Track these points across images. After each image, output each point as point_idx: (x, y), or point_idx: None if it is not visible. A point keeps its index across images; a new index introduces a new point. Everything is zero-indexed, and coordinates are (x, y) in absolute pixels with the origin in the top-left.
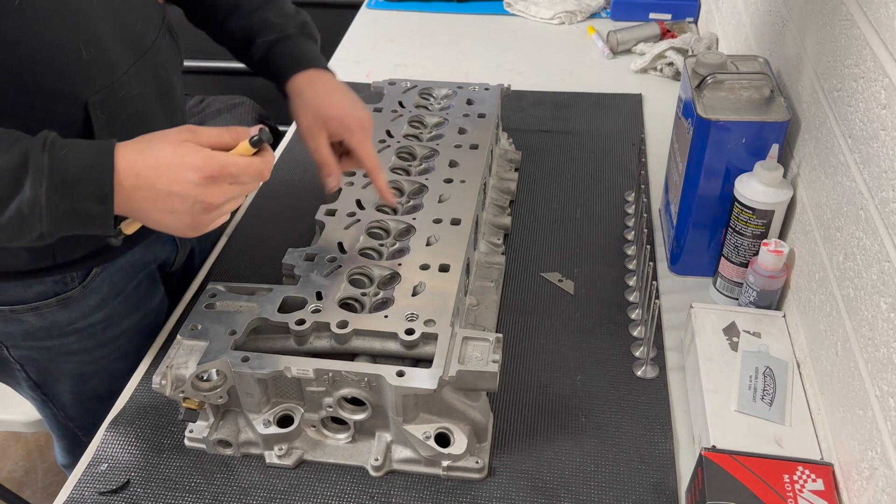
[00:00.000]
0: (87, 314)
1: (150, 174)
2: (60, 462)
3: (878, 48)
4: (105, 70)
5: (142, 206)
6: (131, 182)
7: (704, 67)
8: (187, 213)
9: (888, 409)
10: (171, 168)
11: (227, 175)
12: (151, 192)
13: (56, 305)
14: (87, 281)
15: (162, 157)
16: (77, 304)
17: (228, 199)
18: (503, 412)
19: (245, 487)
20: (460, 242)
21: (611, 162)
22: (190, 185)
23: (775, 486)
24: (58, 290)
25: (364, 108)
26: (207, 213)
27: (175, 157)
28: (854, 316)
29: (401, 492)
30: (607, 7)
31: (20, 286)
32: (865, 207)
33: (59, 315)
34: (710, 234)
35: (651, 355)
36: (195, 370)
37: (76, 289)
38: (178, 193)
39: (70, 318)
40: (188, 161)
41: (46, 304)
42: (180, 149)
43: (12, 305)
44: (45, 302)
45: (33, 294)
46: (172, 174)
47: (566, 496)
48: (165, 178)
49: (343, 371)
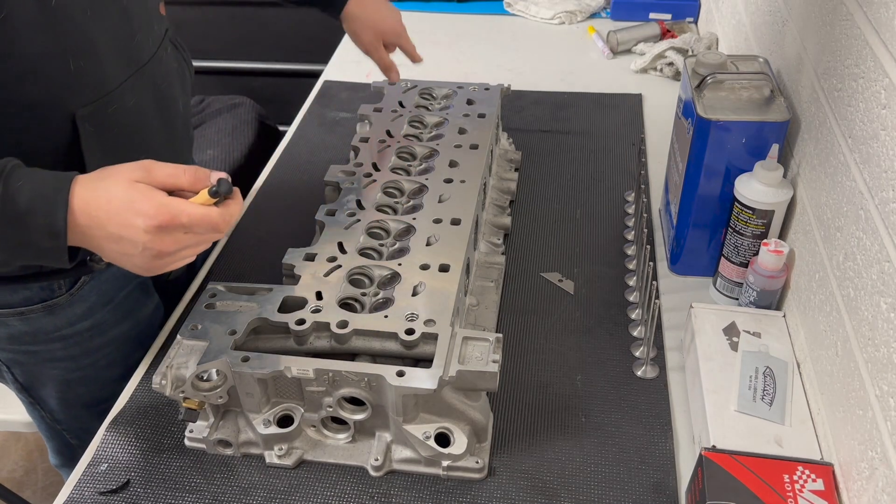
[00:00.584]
0: (73, 322)
1: (101, 215)
2: (53, 462)
3: (878, 48)
4: (95, 82)
5: (96, 243)
6: (84, 221)
7: (704, 67)
8: (139, 257)
9: (888, 409)
10: (120, 212)
11: (179, 225)
12: (103, 232)
13: (42, 311)
14: (75, 289)
15: (113, 199)
16: (63, 312)
17: (182, 247)
18: (503, 412)
19: (245, 487)
20: (460, 242)
21: (611, 162)
22: (139, 232)
23: (775, 486)
24: (44, 296)
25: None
26: (160, 259)
27: (125, 202)
28: (854, 316)
29: (401, 492)
30: (607, 7)
31: (6, 291)
32: (865, 207)
33: (44, 321)
34: (710, 234)
35: (651, 355)
36: (195, 370)
37: (63, 296)
38: (128, 238)
39: (56, 324)
40: (137, 207)
41: (32, 309)
42: (131, 191)
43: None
44: (31, 308)
45: (19, 299)
46: (122, 219)
47: (566, 496)
48: (115, 221)
49: (343, 371)
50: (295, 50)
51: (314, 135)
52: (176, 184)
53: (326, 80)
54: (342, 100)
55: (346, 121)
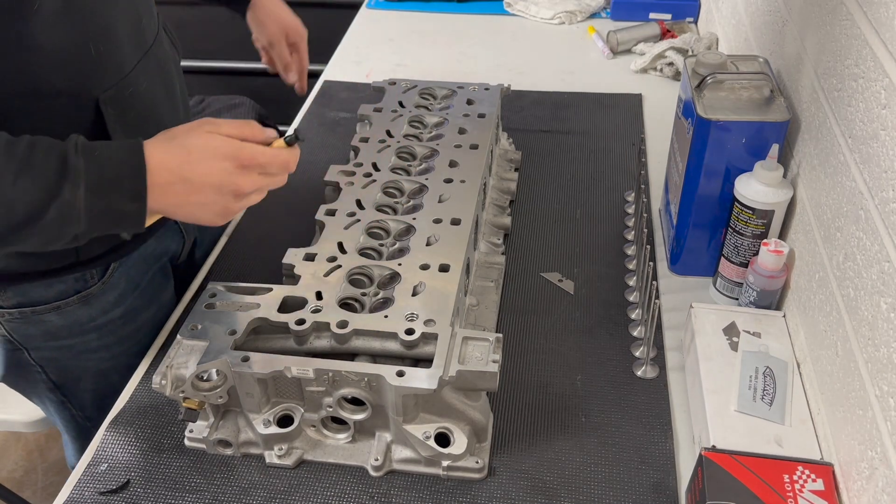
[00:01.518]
0: (106, 310)
1: (183, 168)
2: (72, 465)
3: (878, 48)
4: (115, 66)
5: (175, 200)
6: (165, 178)
7: (704, 67)
8: (219, 203)
9: (888, 409)
10: (202, 160)
11: (258, 164)
12: (185, 185)
13: (77, 303)
14: (107, 277)
15: (193, 149)
16: (97, 301)
17: (257, 188)
18: (503, 412)
19: (245, 487)
20: (460, 242)
21: (611, 162)
22: (225, 174)
23: (775, 486)
24: (78, 287)
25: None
26: (238, 201)
27: (207, 149)
28: (854, 316)
29: (401, 492)
30: (607, 7)
31: (42, 286)
32: (865, 207)
33: (80, 313)
34: (710, 234)
35: (651, 355)
36: (195, 370)
37: (96, 285)
38: (214, 183)
39: (91, 314)
40: (221, 151)
41: (68, 302)
42: (210, 140)
43: (34, 306)
44: (67, 301)
45: (54, 293)
46: (205, 165)
47: (566, 496)
48: (199, 170)
49: (343, 371)
50: None
51: (314, 135)
52: (240, 133)
53: (326, 80)
54: (342, 100)
55: (346, 121)
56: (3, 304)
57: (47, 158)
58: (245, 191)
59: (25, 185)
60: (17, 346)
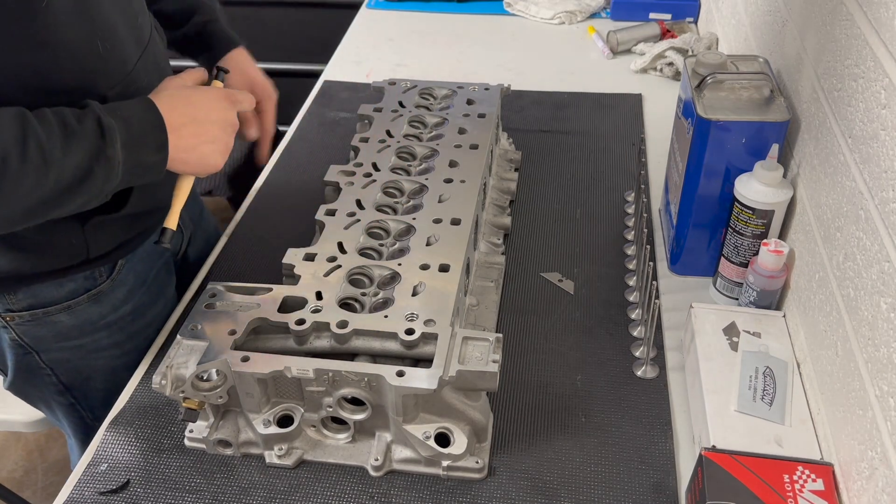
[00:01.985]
0: (116, 307)
1: (189, 110)
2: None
3: (878, 48)
4: (119, 63)
5: (188, 143)
6: (178, 121)
7: (704, 67)
8: (222, 140)
9: (888, 409)
10: (204, 101)
11: (236, 100)
12: (195, 125)
13: (87, 302)
14: (115, 273)
15: (192, 94)
16: (107, 298)
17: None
18: (503, 412)
19: (245, 487)
20: (460, 242)
21: (611, 162)
22: (223, 111)
23: (775, 486)
24: (88, 285)
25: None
26: (233, 135)
27: (203, 93)
28: (854, 316)
29: (401, 492)
30: (607, 7)
31: (53, 286)
32: (865, 207)
33: (90, 311)
34: (710, 234)
35: (651, 355)
36: (195, 370)
37: (105, 282)
38: (217, 120)
39: (101, 312)
40: (214, 94)
41: (78, 301)
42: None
43: (45, 307)
44: (77, 300)
45: (65, 293)
46: (208, 105)
47: (566, 496)
48: (204, 109)
49: (343, 371)
50: (295, 50)
51: (314, 135)
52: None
53: (326, 80)
54: (342, 100)
55: (346, 121)
56: (14, 308)
57: (84, 123)
58: (236, 123)
59: (73, 150)
60: (28, 349)
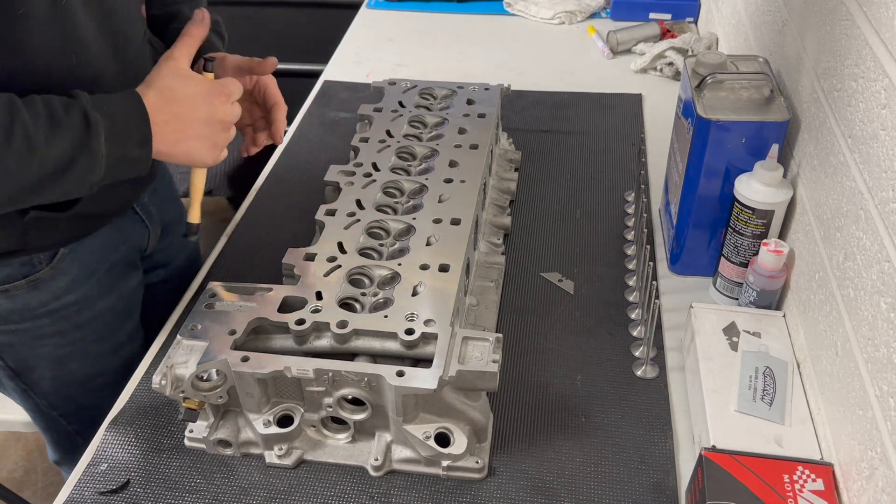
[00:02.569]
0: (58, 295)
1: (172, 106)
2: (52, 459)
3: (878, 48)
4: (91, 76)
5: (172, 137)
6: (161, 118)
7: (704, 67)
8: (209, 137)
9: (888, 409)
10: (188, 98)
11: (227, 93)
12: (178, 121)
13: (26, 287)
14: (56, 261)
15: (177, 90)
16: (47, 286)
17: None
18: (503, 412)
19: (245, 487)
20: (460, 242)
21: (611, 162)
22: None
23: (775, 486)
24: (25, 272)
25: None
26: (225, 132)
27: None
28: (854, 316)
29: (401, 492)
30: (607, 7)
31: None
32: (865, 207)
33: (29, 297)
34: (710, 234)
35: (651, 355)
36: (195, 370)
37: (44, 269)
38: (202, 117)
39: (41, 300)
40: (199, 89)
41: (15, 286)
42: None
43: None
44: (14, 284)
45: (1, 277)
46: (191, 102)
47: (566, 496)
48: (188, 106)
49: (343, 371)
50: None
51: (314, 135)
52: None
53: (326, 80)
54: (342, 100)
55: (346, 121)
56: None
57: (70, 114)
58: (227, 119)
59: (57, 140)
60: None
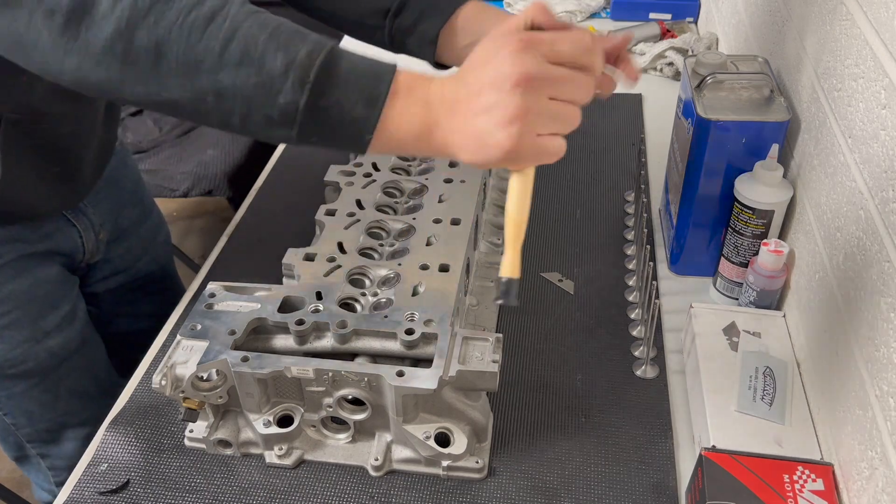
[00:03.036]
0: None
1: (462, 74)
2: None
3: (878, 48)
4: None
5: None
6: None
7: (704, 67)
8: (503, 106)
9: (888, 409)
10: (480, 59)
11: (539, 41)
12: (465, 89)
13: None
14: None
15: (475, 57)
16: None
17: (550, 75)
18: (503, 412)
19: (245, 487)
20: (460, 242)
21: (611, 162)
22: (502, 58)
23: (775, 486)
24: None
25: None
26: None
27: (485, 48)
28: (854, 316)
29: (401, 492)
30: (607, 7)
31: None
32: (865, 207)
33: None
34: (710, 234)
35: (651, 355)
36: (195, 370)
37: None
38: (490, 75)
39: None
40: (498, 40)
41: None
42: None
43: None
44: None
45: None
46: (483, 60)
47: (566, 496)
48: (477, 68)
49: (343, 371)
50: None
51: None
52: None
53: None
54: None
55: None
56: None
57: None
58: (532, 75)
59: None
60: None
